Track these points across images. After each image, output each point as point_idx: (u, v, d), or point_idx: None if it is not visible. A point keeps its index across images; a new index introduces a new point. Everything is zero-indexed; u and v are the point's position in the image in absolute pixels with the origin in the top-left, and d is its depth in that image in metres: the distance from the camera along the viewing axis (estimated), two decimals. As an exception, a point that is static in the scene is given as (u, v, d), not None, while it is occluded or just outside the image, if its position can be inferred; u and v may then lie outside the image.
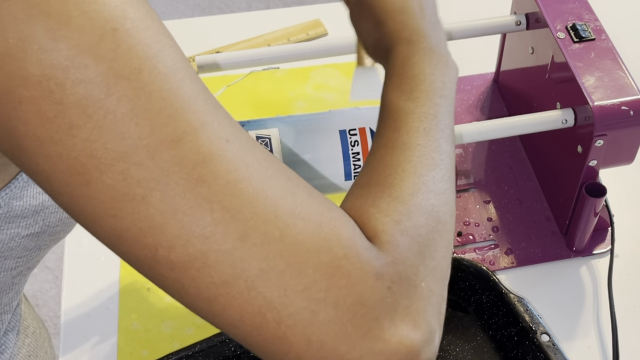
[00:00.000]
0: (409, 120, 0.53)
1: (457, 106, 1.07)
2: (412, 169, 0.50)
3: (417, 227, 0.47)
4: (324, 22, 1.18)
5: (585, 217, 0.86)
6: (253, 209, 0.41)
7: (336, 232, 0.43)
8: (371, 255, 0.43)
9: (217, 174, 0.40)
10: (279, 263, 0.41)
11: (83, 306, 0.88)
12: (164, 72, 0.40)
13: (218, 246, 0.40)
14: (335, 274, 0.42)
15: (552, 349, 0.77)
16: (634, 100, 0.80)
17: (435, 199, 0.49)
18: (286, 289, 0.41)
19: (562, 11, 0.88)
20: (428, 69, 0.58)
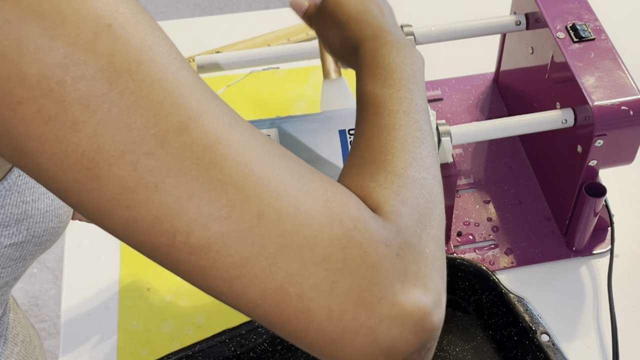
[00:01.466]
0: (388, 104, 0.56)
1: (457, 106, 1.07)
2: (400, 146, 0.52)
3: (415, 198, 0.49)
4: (324, 22, 1.18)
5: (585, 217, 0.86)
6: (265, 187, 0.42)
7: (344, 206, 0.44)
8: (378, 225, 0.45)
9: (226, 156, 0.41)
10: (295, 238, 0.42)
11: (83, 306, 0.88)
12: (161, 63, 0.41)
13: (237, 225, 0.41)
14: (349, 245, 0.43)
15: (551, 348, 0.77)
16: (633, 100, 0.80)
17: (425, 172, 0.51)
18: (305, 261, 0.42)
19: (562, 11, 0.88)
20: (397, 58, 0.60)
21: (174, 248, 0.41)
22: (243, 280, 0.42)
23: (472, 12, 1.08)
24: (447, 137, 0.79)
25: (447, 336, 0.84)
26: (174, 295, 0.88)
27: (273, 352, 0.82)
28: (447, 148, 0.79)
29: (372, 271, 0.43)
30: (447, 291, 0.80)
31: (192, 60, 1.12)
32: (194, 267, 0.42)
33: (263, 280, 0.42)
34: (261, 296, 0.42)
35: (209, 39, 1.15)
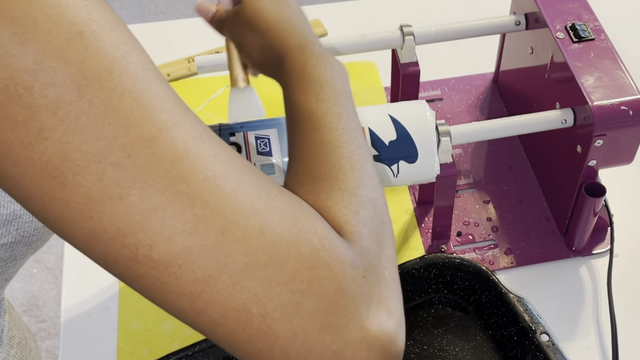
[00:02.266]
0: (326, 120, 0.54)
1: (457, 106, 1.07)
2: (349, 164, 0.51)
3: (372, 218, 0.48)
4: (323, 22, 1.18)
5: (585, 217, 0.86)
6: (232, 203, 0.41)
7: (311, 224, 0.43)
8: (344, 246, 0.44)
9: (194, 170, 0.41)
10: (261, 256, 0.41)
11: (83, 306, 0.88)
12: (133, 73, 0.40)
13: (200, 241, 0.40)
14: (316, 265, 0.42)
15: (551, 348, 0.77)
16: (633, 100, 0.80)
17: (375, 191, 0.51)
18: (270, 281, 0.41)
19: (562, 11, 0.88)
20: (326, 72, 0.59)
21: (136, 262, 0.40)
22: (205, 297, 0.41)
23: (471, 12, 1.08)
24: (447, 137, 0.79)
25: (447, 336, 0.84)
26: (174, 295, 0.88)
27: (273, 352, 0.82)
28: (446, 148, 0.79)
29: (339, 293, 0.42)
30: (447, 291, 0.81)
31: (192, 60, 1.12)
32: (156, 282, 0.41)
33: (226, 298, 0.41)
34: (223, 315, 0.41)
35: (208, 39, 1.15)
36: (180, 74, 1.11)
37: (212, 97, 1.08)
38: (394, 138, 0.77)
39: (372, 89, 1.09)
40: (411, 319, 0.85)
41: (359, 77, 1.11)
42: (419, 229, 0.94)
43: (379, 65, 1.11)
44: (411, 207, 0.96)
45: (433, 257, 0.85)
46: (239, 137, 0.75)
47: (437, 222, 0.90)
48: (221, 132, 0.76)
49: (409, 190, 0.98)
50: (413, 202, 0.96)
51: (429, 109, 0.79)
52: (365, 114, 0.78)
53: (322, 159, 0.51)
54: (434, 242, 0.92)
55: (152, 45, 1.17)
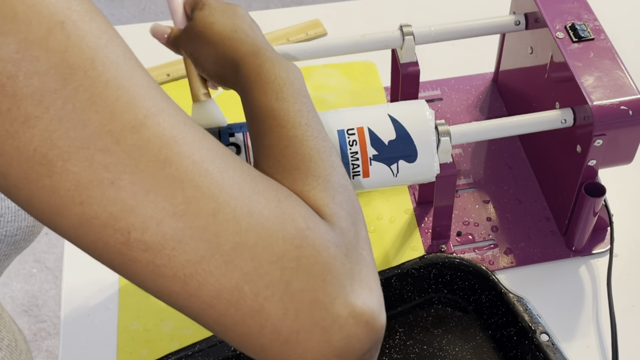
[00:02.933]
0: (289, 117, 0.56)
1: (457, 106, 1.07)
2: (317, 155, 0.52)
3: (346, 202, 0.49)
4: (323, 22, 1.18)
5: (585, 216, 0.86)
6: (220, 186, 0.42)
7: (294, 206, 0.45)
8: (326, 227, 0.45)
9: (183, 154, 0.41)
10: (251, 236, 0.42)
11: (83, 306, 0.88)
12: (116, 61, 0.41)
13: (193, 223, 0.41)
14: (302, 244, 0.43)
15: (551, 348, 0.77)
16: (633, 100, 0.80)
17: (344, 179, 0.52)
18: (260, 260, 0.42)
19: (561, 11, 0.88)
20: (282, 73, 0.60)
21: (128, 246, 0.41)
22: (198, 278, 0.41)
23: (471, 12, 1.08)
24: (447, 137, 0.79)
25: (447, 336, 0.84)
26: (174, 295, 0.88)
27: (273, 352, 0.82)
28: (446, 148, 0.79)
29: (325, 271, 0.43)
30: (447, 291, 0.81)
31: (191, 60, 1.12)
32: (148, 265, 0.41)
33: (218, 278, 0.41)
34: (216, 295, 0.42)
35: (208, 39, 1.15)
36: (180, 74, 1.11)
37: (212, 98, 1.08)
38: (393, 137, 0.77)
39: (372, 89, 1.09)
40: (411, 319, 0.85)
41: (359, 77, 1.11)
42: (419, 228, 0.94)
43: (379, 65, 1.12)
44: (411, 207, 0.96)
45: (433, 257, 0.85)
46: (239, 137, 0.75)
47: (437, 222, 0.90)
48: (221, 132, 0.76)
49: (409, 190, 0.98)
50: (413, 202, 0.96)
51: (428, 109, 0.79)
52: (365, 114, 0.79)
53: (291, 151, 0.52)
54: (434, 242, 0.92)
55: (152, 45, 1.17)
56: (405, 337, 0.84)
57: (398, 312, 0.86)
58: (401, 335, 0.84)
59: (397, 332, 0.84)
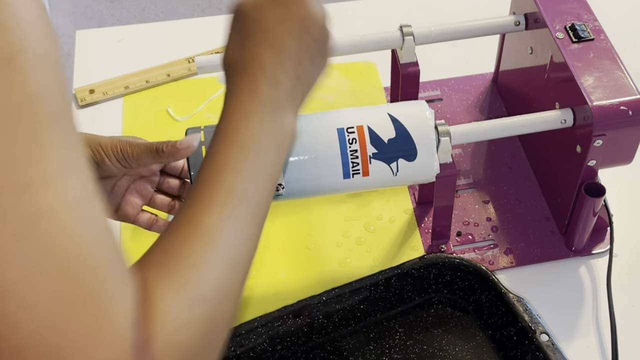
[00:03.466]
0: (228, 199, 0.52)
1: (457, 106, 1.07)
2: (210, 266, 0.49)
3: (194, 341, 0.46)
4: (323, 22, 1.18)
5: (584, 216, 0.86)
6: (55, 284, 0.40)
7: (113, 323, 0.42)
8: (132, 353, 0.43)
9: (43, 234, 0.40)
10: (51, 339, 0.40)
11: (83, 306, 0.87)
12: (37, 118, 0.40)
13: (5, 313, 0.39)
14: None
15: (551, 348, 0.78)
16: (632, 100, 0.80)
17: (225, 306, 0.49)
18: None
19: (561, 11, 0.88)
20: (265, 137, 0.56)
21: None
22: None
23: (471, 13, 1.08)
24: (447, 137, 0.79)
25: (447, 336, 0.84)
26: (174, 295, 0.88)
27: (273, 352, 0.82)
28: (446, 148, 0.80)
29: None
30: (447, 291, 0.79)
31: (191, 60, 1.12)
32: None
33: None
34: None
35: (208, 39, 1.15)
36: (180, 74, 1.11)
37: (212, 97, 1.08)
38: (393, 136, 0.77)
39: (372, 89, 1.09)
40: (411, 319, 0.85)
41: (359, 77, 1.11)
42: (419, 229, 0.94)
43: (379, 65, 1.12)
44: (411, 207, 0.96)
45: (433, 257, 0.85)
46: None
47: (436, 222, 0.90)
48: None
49: (409, 190, 0.98)
50: (413, 202, 0.96)
51: (428, 108, 0.79)
52: (365, 113, 0.79)
53: (187, 241, 0.50)
54: (434, 242, 0.92)
55: (152, 45, 1.18)
56: (405, 337, 0.84)
57: (398, 312, 0.86)
58: (401, 335, 0.84)
59: (397, 332, 0.85)
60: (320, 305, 0.83)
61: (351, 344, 0.84)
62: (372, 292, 0.84)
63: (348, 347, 0.83)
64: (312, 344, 0.83)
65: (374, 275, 0.84)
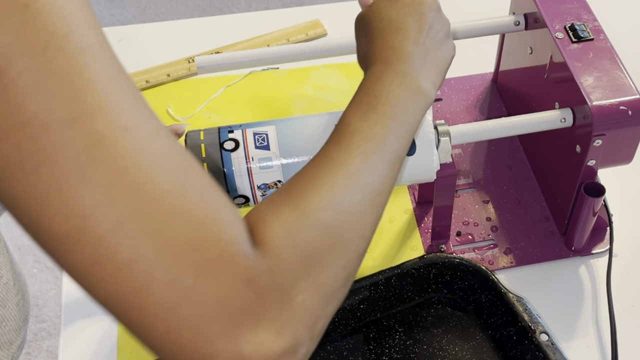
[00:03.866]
0: (354, 138, 0.55)
1: (456, 106, 1.07)
2: (331, 184, 0.51)
3: (311, 243, 0.48)
4: (323, 22, 1.18)
5: (584, 216, 0.86)
6: (134, 199, 0.42)
7: (215, 234, 0.44)
8: (247, 262, 0.44)
9: (106, 159, 0.41)
10: (149, 254, 0.42)
11: (83, 306, 0.88)
12: (70, 53, 0.41)
13: (94, 228, 0.41)
14: (203, 274, 0.43)
15: (551, 348, 0.78)
16: (632, 100, 0.80)
17: (346, 220, 0.50)
18: (152, 279, 0.42)
19: (561, 11, 0.88)
20: (394, 91, 0.59)
21: (39, 231, 0.42)
22: (92, 279, 0.43)
23: (471, 12, 1.08)
24: (447, 137, 0.79)
25: (447, 336, 0.84)
26: (174, 295, 0.88)
27: (273, 352, 0.82)
28: (446, 148, 0.80)
29: (221, 306, 0.43)
30: (447, 290, 0.80)
31: (191, 60, 1.12)
32: (54, 252, 0.43)
33: (110, 284, 0.42)
34: (108, 299, 0.43)
35: (208, 39, 1.15)
36: (180, 74, 1.11)
37: (212, 97, 1.08)
38: None
39: (371, 89, 1.09)
40: (411, 319, 0.85)
41: (359, 77, 1.11)
42: (419, 228, 0.94)
43: (379, 66, 1.11)
44: (411, 207, 0.96)
45: (433, 257, 0.85)
46: (237, 133, 0.75)
47: (436, 222, 0.91)
48: (220, 130, 0.76)
49: (409, 190, 0.98)
50: (413, 202, 0.97)
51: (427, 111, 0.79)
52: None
53: (312, 173, 0.52)
54: (434, 242, 0.92)
55: (152, 45, 1.18)
56: (405, 337, 0.84)
57: (398, 312, 0.86)
58: (401, 335, 0.84)
59: (397, 332, 0.85)
60: (320, 305, 0.83)
61: (351, 344, 0.84)
62: (372, 291, 0.84)
63: (348, 347, 0.83)
64: (312, 343, 0.83)
65: (374, 275, 0.84)
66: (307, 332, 0.46)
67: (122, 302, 0.43)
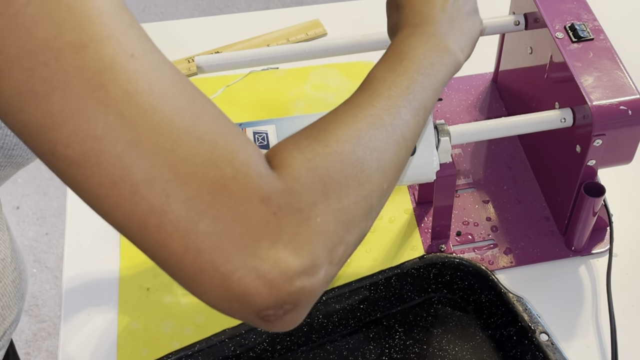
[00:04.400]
0: (379, 86, 0.56)
1: (456, 106, 1.07)
2: (353, 121, 0.52)
3: (330, 170, 0.49)
4: (323, 22, 1.18)
5: (584, 216, 0.86)
6: (147, 118, 0.43)
7: (229, 154, 0.45)
8: (263, 181, 0.46)
9: (116, 82, 0.42)
10: (165, 172, 0.43)
11: (83, 306, 0.88)
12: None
13: (109, 148, 0.42)
14: (220, 191, 0.44)
15: (551, 348, 0.78)
16: (632, 100, 0.80)
17: (366, 153, 0.51)
18: (169, 196, 0.43)
19: (561, 11, 0.88)
20: (420, 48, 0.60)
21: (55, 157, 0.43)
22: (110, 201, 0.44)
23: (471, 12, 1.08)
24: (446, 136, 0.79)
25: (447, 336, 0.84)
26: (174, 295, 0.88)
27: (273, 352, 0.82)
28: (446, 148, 0.80)
29: (237, 221, 0.44)
30: (447, 290, 0.79)
31: (191, 60, 1.12)
32: (71, 178, 0.44)
33: (127, 205, 0.43)
34: (126, 220, 0.44)
35: (208, 39, 1.15)
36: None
37: (212, 97, 1.08)
38: None
39: (371, 89, 1.09)
40: (411, 319, 0.85)
41: (358, 77, 1.11)
42: (419, 228, 0.94)
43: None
44: (411, 207, 0.96)
45: (432, 257, 0.85)
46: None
47: (436, 221, 0.91)
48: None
49: (409, 190, 0.98)
50: (412, 202, 0.97)
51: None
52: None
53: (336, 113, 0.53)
54: (434, 242, 0.92)
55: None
56: (405, 336, 0.84)
57: (398, 312, 0.86)
58: (401, 335, 0.84)
59: (397, 331, 0.85)
60: (320, 305, 0.83)
61: (351, 344, 0.84)
62: (372, 291, 0.84)
63: (348, 347, 0.83)
64: (312, 343, 0.83)
65: (374, 275, 0.84)
66: (325, 254, 0.47)
67: (140, 222, 0.44)
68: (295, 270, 0.45)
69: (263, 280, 0.44)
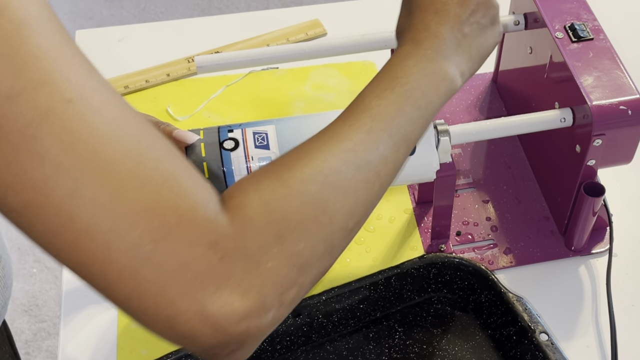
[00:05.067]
0: (362, 116, 0.54)
1: (456, 106, 1.07)
2: (323, 158, 0.51)
3: (288, 212, 0.48)
4: (323, 22, 1.18)
5: (584, 216, 0.86)
6: (85, 169, 0.42)
7: (175, 199, 0.44)
8: (210, 226, 0.45)
9: (51, 132, 0.41)
10: (105, 222, 0.43)
11: (83, 306, 0.88)
12: (8, 28, 0.40)
13: (47, 199, 0.42)
14: (162, 239, 0.43)
15: (550, 348, 0.78)
16: (632, 100, 0.80)
17: (331, 193, 0.50)
18: (110, 247, 0.43)
19: (561, 11, 0.88)
20: (416, 75, 0.58)
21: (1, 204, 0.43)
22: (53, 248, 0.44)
23: (471, 12, 1.08)
24: (446, 136, 0.79)
25: (446, 335, 0.84)
26: (174, 295, 0.88)
27: (272, 352, 0.82)
28: (446, 148, 0.79)
29: (180, 268, 0.44)
30: (446, 290, 0.79)
31: (191, 60, 1.12)
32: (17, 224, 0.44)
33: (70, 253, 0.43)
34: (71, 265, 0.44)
35: (208, 39, 1.15)
36: (180, 74, 1.11)
37: (212, 97, 1.08)
38: None
39: (371, 89, 1.09)
40: (410, 319, 0.85)
41: (358, 77, 1.11)
42: (419, 228, 0.94)
43: (379, 65, 1.11)
44: (410, 207, 0.96)
45: (432, 257, 0.85)
46: (237, 133, 0.75)
47: (436, 221, 0.91)
48: (220, 129, 0.76)
49: (409, 190, 0.98)
50: (412, 202, 0.97)
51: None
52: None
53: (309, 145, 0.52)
54: (434, 242, 0.92)
55: (152, 45, 1.18)
56: (405, 336, 0.84)
57: (397, 312, 0.86)
58: (401, 335, 0.84)
59: (397, 331, 0.85)
60: (319, 305, 0.83)
61: (351, 344, 0.84)
62: (372, 291, 0.84)
63: (348, 347, 0.83)
64: (312, 343, 0.83)
65: (374, 275, 0.84)
66: (275, 298, 0.47)
67: (84, 268, 0.44)
68: (241, 314, 0.45)
69: (207, 323, 0.45)
